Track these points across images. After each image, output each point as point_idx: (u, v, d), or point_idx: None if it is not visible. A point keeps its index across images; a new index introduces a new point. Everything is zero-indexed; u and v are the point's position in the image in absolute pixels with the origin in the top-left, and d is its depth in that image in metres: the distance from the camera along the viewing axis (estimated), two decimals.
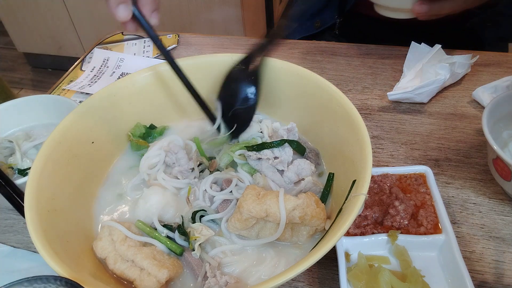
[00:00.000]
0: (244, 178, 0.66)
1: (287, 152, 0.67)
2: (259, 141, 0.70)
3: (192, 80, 0.76)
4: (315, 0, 1.28)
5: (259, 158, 0.67)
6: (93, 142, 0.68)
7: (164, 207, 0.64)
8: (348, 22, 1.25)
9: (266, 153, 0.67)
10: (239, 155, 0.68)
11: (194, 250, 0.58)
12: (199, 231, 0.59)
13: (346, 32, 1.22)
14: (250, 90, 0.70)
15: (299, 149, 0.69)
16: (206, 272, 0.56)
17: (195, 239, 0.58)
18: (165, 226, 0.61)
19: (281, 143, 0.68)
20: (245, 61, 0.71)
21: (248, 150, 0.68)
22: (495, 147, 0.64)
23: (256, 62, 0.70)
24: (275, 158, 0.67)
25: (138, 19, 0.64)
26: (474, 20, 0.97)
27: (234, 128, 0.72)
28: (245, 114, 0.71)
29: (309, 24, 1.31)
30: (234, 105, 0.70)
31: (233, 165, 0.69)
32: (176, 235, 0.60)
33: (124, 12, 0.61)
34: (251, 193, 0.57)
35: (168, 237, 0.60)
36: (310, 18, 1.31)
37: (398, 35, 1.11)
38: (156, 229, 0.61)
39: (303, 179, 0.65)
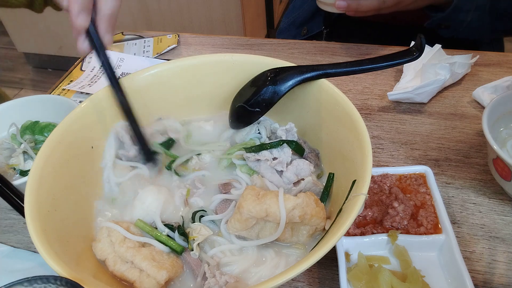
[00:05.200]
0: (241, 180, 0.67)
1: (286, 152, 0.67)
2: (257, 142, 0.70)
3: (192, 80, 0.76)
4: (304, 9, 1.32)
5: (258, 160, 0.67)
6: (92, 147, 0.68)
7: (162, 206, 0.63)
8: (335, 31, 1.27)
9: (265, 154, 0.66)
10: (238, 156, 0.69)
11: (193, 250, 0.58)
12: (197, 230, 0.59)
13: (334, 41, 1.24)
14: (265, 102, 0.68)
15: (298, 149, 0.68)
16: (205, 273, 0.56)
17: (194, 239, 0.58)
18: (166, 225, 0.61)
19: (279, 143, 0.68)
20: (282, 73, 0.68)
21: (247, 152, 0.68)
22: (495, 147, 0.64)
23: (297, 81, 0.66)
24: (274, 159, 0.67)
25: (91, 36, 0.63)
26: (430, 21, 1.04)
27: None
28: (249, 115, 0.71)
29: (297, 31, 1.34)
30: (245, 101, 0.70)
31: (232, 166, 0.70)
32: (176, 235, 0.60)
33: (83, 21, 0.61)
34: (251, 193, 0.57)
35: (168, 236, 0.60)
36: (299, 26, 1.34)
37: (386, 38, 1.13)
38: (156, 228, 0.61)
39: (302, 179, 0.65)
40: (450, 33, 1.06)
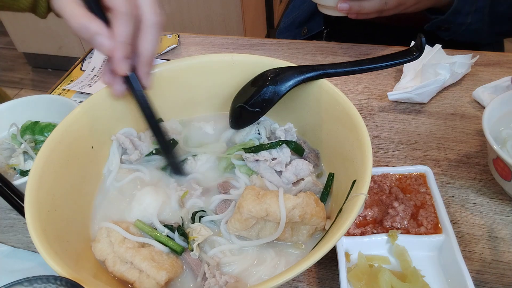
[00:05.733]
0: (240, 180, 0.66)
1: (285, 152, 0.67)
2: (257, 143, 0.70)
3: (192, 80, 0.76)
4: (304, 8, 1.32)
5: (257, 160, 0.67)
6: (92, 147, 0.68)
7: (160, 207, 0.63)
8: (335, 31, 1.28)
9: (264, 154, 0.66)
10: (237, 157, 0.69)
11: (193, 251, 0.58)
12: (197, 231, 0.59)
13: (334, 41, 1.25)
14: (265, 102, 0.68)
15: (297, 149, 0.68)
16: (205, 273, 0.56)
17: (193, 239, 0.58)
18: (165, 226, 0.61)
19: (278, 143, 0.68)
20: (283, 72, 0.68)
21: (246, 152, 0.68)
22: (495, 147, 0.64)
23: (297, 81, 0.67)
24: (273, 159, 0.66)
25: (129, 80, 0.62)
26: (430, 24, 1.05)
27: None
28: (249, 115, 0.71)
29: (297, 31, 1.34)
30: (245, 101, 0.70)
31: (231, 167, 0.70)
32: (176, 236, 0.60)
33: (126, 67, 0.60)
34: (251, 193, 0.57)
35: (168, 236, 0.60)
36: (299, 26, 1.34)
37: (386, 38, 1.13)
38: (156, 229, 0.61)
39: (302, 179, 0.65)
40: (450, 36, 1.06)
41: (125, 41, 0.57)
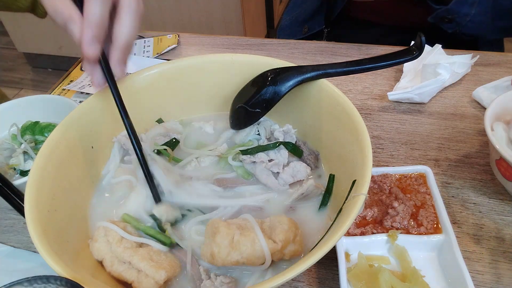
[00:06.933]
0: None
1: (282, 154, 0.67)
2: (255, 143, 0.70)
3: (192, 80, 0.76)
4: (305, 7, 1.32)
5: (254, 162, 0.67)
6: (92, 147, 0.68)
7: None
8: (335, 31, 1.28)
9: (261, 156, 0.66)
10: (235, 157, 0.69)
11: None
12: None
13: (334, 40, 1.25)
14: (266, 102, 0.67)
15: (295, 151, 0.68)
16: (201, 275, 0.56)
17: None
18: (155, 220, 0.62)
19: (276, 145, 0.67)
20: (283, 72, 0.67)
21: (243, 154, 0.68)
22: (498, 147, 0.64)
23: (297, 82, 0.66)
24: (270, 160, 0.66)
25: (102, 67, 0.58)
26: (434, 15, 1.04)
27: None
28: (249, 115, 0.71)
29: (298, 30, 1.35)
30: (246, 101, 0.70)
31: (230, 168, 0.70)
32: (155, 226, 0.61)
33: (95, 50, 0.55)
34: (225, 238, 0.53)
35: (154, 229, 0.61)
36: (300, 24, 1.35)
37: (387, 38, 1.13)
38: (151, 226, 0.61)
39: (299, 180, 0.65)
40: (453, 28, 1.05)
41: (95, 21, 0.53)
